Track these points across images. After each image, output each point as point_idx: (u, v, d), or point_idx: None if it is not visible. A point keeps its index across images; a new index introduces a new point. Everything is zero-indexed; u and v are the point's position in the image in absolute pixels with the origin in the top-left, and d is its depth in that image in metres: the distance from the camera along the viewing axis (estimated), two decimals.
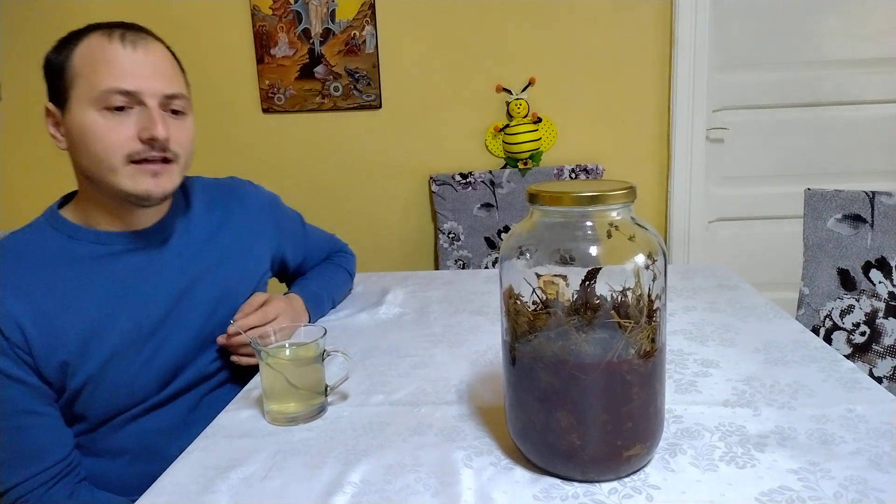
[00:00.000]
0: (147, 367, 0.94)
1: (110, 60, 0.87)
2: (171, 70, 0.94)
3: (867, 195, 1.34)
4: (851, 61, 2.05)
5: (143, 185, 0.90)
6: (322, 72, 2.13)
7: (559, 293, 0.64)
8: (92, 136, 0.87)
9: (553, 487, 0.66)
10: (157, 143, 0.88)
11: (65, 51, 0.90)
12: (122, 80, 0.87)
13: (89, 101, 0.87)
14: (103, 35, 0.89)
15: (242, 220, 1.11)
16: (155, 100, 0.89)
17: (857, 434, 0.72)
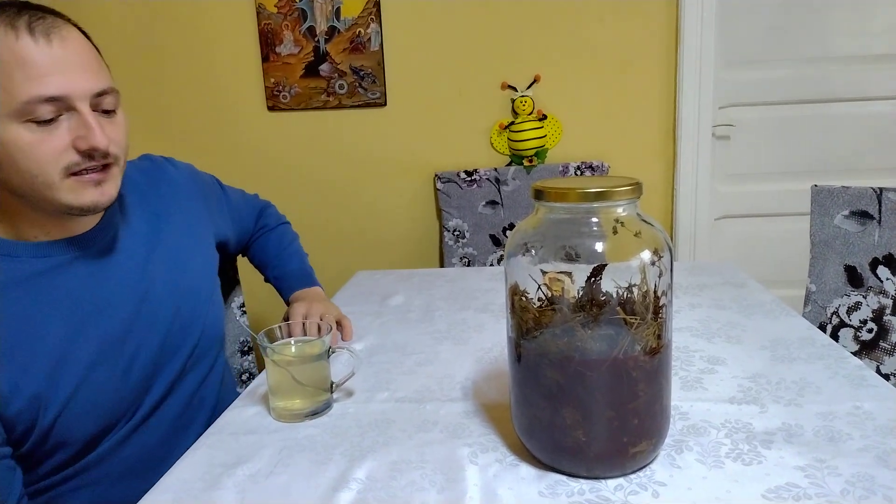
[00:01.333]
0: (124, 378, 0.87)
1: (25, 62, 0.74)
2: (94, 60, 0.81)
3: (875, 191, 1.33)
4: (858, 57, 2.03)
5: (88, 196, 0.80)
6: (327, 70, 2.13)
7: (565, 290, 0.64)
8: (20, 154, 0.75)
9: (559, 484, 0.65)
10: (97, 152, 0.78)
11: None
12: (44, 85, 0.74)
13: (9, 114, 0.74)
14: (6, 27, 0.74)
15: (178, 206, 1.03)
16: (85, 102, 0.78)
17: (864, 431, 0.71)
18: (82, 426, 0.83)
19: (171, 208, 1.01)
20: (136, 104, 2.18)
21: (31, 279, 0.81)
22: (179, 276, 0.97)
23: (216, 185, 1.19)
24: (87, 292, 0.85)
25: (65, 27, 0.78)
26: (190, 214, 1.04)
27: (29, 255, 0.82)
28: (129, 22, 2.12)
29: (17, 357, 0.78)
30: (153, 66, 2.15)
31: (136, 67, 2.16)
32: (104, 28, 2.13)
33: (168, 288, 0.95)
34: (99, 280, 0.87)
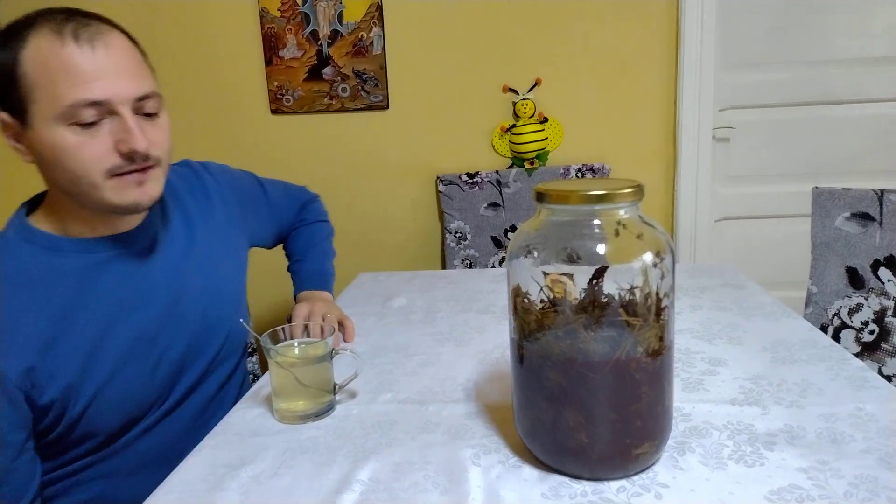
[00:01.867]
0: (151, 375, 0.91)
1: (69, 68, 0.77)
2: (137, 66, 0.84)
3: (876, 193, 1.33)
4: (858, 59, 2.03)
5: (130, 196, 0.83)
6: (330, 73, 2.14)
7: (567, 292, 0.64)
8: (65, 155, 0.79)
9: (561, 486, 0.66)
10: (137, 154, 0.81)
11: (11, 50, 0.78)
12: (88, 90, 0.77)
13: (55, 117, 0.77)
14: (53, 34, 0.77)
15: (212, 213, 1.06)
16: (127, 106, 0.81)
17: (866, 433, 0.72)
18: (108, 418, 0.87)
19: (206, 215, 1.05)
20: None
21: (74, 274, 0.85)
22: (210, 281, 1.00)
23: (255, 186, 1.21)
24: (125, 290, 0.89)
25: (109, 33, 0.82)
26: (223, 221, 1.08)
27: (73, 250, 0.86)
28: (132, 25, 2.12)
29: (55, 347, 0.81)
30: (156, 69, 2.16)
31: None
32: None
33: (198, 291, 0.98)
34: (137, 279, 0.91)
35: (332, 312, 1.13)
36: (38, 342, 0.80)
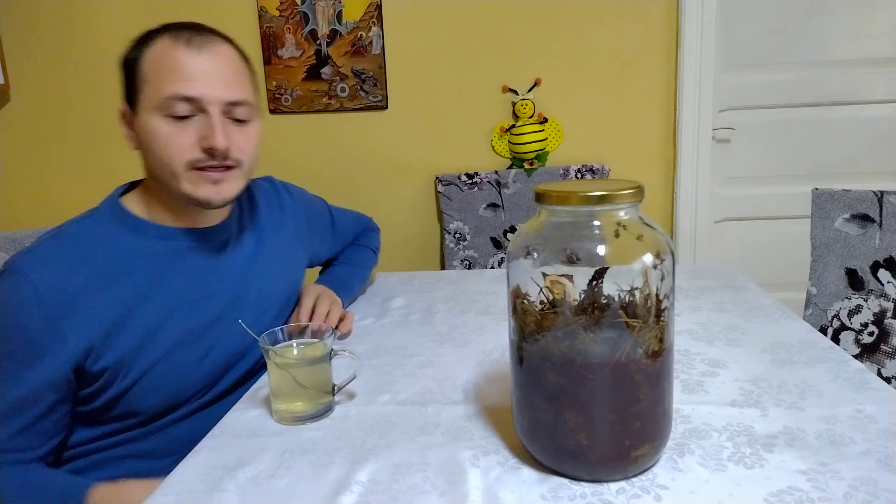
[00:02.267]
0: (197, 366, 0.95)
1: (175, 66, 0.87)
2: (236, 76, 0.92)
3: (875, 195, 1.33)
4: (858, 61, 2.04)
5: (204, 191, 0.91)
6: (329, 73, 2.13)
7: (566, 293, 0.64)
8: (156, 142, 0.88)
9: (561, 487, 0.65)
10: (216, 152, 0.89)
11: (136, 51, 0.91)
12: (185, 86, 0.87)
13: (154, 106, 0.88)
14: (171, 38, 0.89)
15: (283, 229, 1.13)
16: (217, 107, 0.89)
17: (866, 435, 0.71)
18: (150, 399, 0.92)
19: (278, 229, 1.12)
20: None
21: (153, 257, 0.93)
22: (268, 290, 1.07)
23: (325, 212, 1.30)
24: (193, 282, 0.95)
25: (220, 45, 0.91)
26: (292, 238, 1.15)
27: (155, 234, 0.94)
28: (130, 24, 2.13)
29: (120, 324, 0.88)
30: None
31: None
32: (105, 31, 2.14)
33: (257, 297, 1.04)
34: (205, 273, 0.97)
35: (337, 305, 1.16)
36: (107, 316, 0.87)
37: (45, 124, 2.23)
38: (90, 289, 0.86)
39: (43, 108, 2.21)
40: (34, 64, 2.18)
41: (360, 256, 1.37)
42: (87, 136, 2.22)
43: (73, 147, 2.23)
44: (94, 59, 2.17)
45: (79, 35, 2.16)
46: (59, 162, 2.24)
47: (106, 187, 2.40)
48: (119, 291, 0.88)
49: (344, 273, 1.29)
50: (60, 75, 2.19)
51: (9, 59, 2.17)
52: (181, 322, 0.93)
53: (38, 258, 0.86)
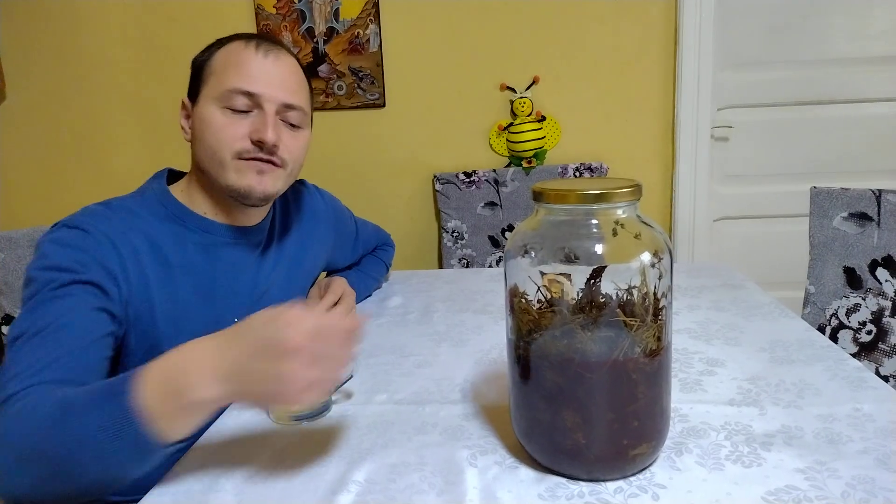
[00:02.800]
0: None
1: (241, 63, 0.93)
2: (295, 84, 0.97)
3: (874, 193, 1.33)
4: (856, 59, 2.04)
5: (247, 180, 0.93)
6: (326, 71, 2.13)
7: (564, 292, 0.63)
8: (209, 130, 0.92)
9: (558, 486, 0.65)
10: (264, 145, 0.92)
11: (208, 53, 0.97)
12: (247, 82, 0.92)
13: (215, 97, 0.92)
14: (243, 42, 0.95)
15: (311, 232, 1.17)
16: (273, 106, 0.93)
17: (864, 433, 0.71)
18: None
19: (306, 232, 1.16)
20: (133, 104, 2.18)
21: (189, 246, 0.95)
22: (289, 288, 1.10)
23: (351, 222, 1.34)
24: (224, 279, 0.98)
25: (286, 55, 0.97)
26: (317, 241, 1.19)
27: (196, 226, 0.96)
28: (127, 22, 2.12)
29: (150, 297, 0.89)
30: (151, 66, 2.15)
31: (133, 68, 2.15)
32: (103, 29, 2.13)
33: (279, 294, 1.06)
34: (236, 271, 1.00)
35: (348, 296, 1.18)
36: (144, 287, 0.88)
37: (43, 123, 2.22)
38: (139, 252, 0.88)
39: (40, 106, 2.21)
40: (31, 62, 2.18)
41: (374, 268, 1.40)
42: (85, 135, 2.22)
43: (70, 145, 2.22)
44: (91, 57, 2.16)
45: (76, 34, 2.15)
46: (56, 160, 2.23)
47: (103, 185, 2.39)
48: (159, 270, 0.90)
49: (356, 279, 1.30)
50: (57, 74, 2.18)
51: (5, 58, 2.17)
52: (206, 315, 0.94)
53: (91, 214, 0.88)
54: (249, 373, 0.63)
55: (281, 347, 0.61)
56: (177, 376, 0.64)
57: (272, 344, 0.62)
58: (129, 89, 2.17)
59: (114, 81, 2.18)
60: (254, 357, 0.63)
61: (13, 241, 1.42)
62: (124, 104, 2.19)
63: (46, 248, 0.83)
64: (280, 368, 0.61)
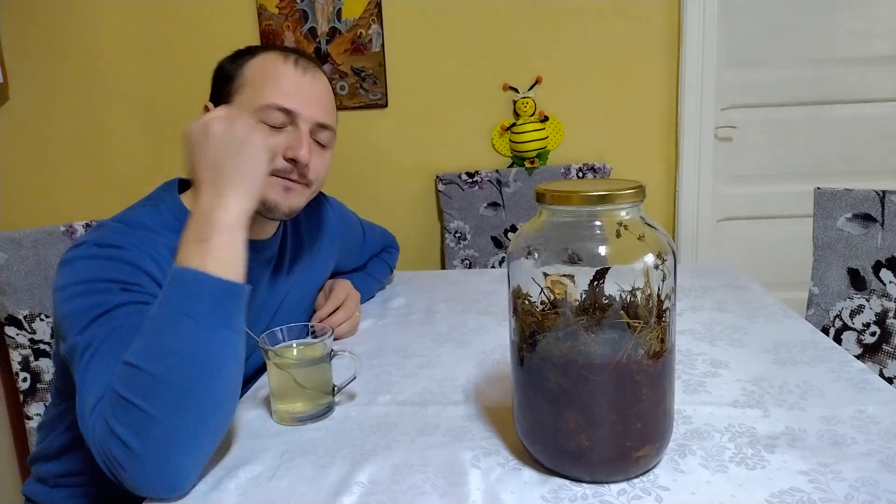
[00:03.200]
0: None
1: (279, 78, 0.92)
2: (329, 103, 0.98)
3: (878, 194, 1.33)
4: (861, 59, 2.03)
5: (273, 195, 0.93)
6: (328, 71, 2.13)
7: (567, 293, 0.63)
8: None
9: (561, 488, 0.65)
10: (298, 164, 0.92)
11: (239, 60, 0.95)
12: (286, 99, 0.91)
13: (251, 110, 0.90)
14: (279, 55, 0.94)
15: (320, 241, 1.17)
16: (308, 125, 0.93)
17: (868, 435, 0.71)
18: None
19: (317, 243, 1.16)
20: (136, 105, 2.18)
21: None
22: (301, 300, 1.12)
23: (358, 228, 1.34)
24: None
25: (322, 75, 0.98)
26: (326, 250, 1.19)
27: None
28: (129, 22, 2.13)
29: None
30: (153, 66, 2.15)
31: (135, 68, 2.16)
32: (105, 29, 2.14)
33: (290, 307, 1.08)
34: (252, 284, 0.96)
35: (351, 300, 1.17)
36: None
37: (45, 123, 2.22)
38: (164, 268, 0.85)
39: (42, 107, 2.21)
40: (34, 63, 2.18)
41: (379, 271, 1.40)
42: (87, 136, 2.22)
43: (72, 146, 2.23)
44: (93, 58, 2.17)
45: (78, 34, 2.15)
46: (58, 161, 2.23)
47: (106, 186, 2.39)
48: None
49: (360, 281, 1.30)
50: (60, 74, 2.18)
51: (8, 58, 2.17)
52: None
53: (114, 232, 0.86)
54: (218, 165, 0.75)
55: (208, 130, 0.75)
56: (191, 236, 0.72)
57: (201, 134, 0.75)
58: (132, 90, 2.17)
59: (116, 82, 2.18)
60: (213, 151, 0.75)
61: (16, 242, 1.43)
62: (127, 105, 2.19)
63: (85, 263, 0.81)
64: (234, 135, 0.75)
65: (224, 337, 0.69)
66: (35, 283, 1.45)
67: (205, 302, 0.68)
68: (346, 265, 1.32)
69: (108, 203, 2.22)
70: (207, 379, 0.67)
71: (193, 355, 0.67)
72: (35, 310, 1.46)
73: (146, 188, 1.02)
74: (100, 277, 0.79)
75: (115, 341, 0.73)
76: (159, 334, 0.68)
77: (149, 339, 0.68)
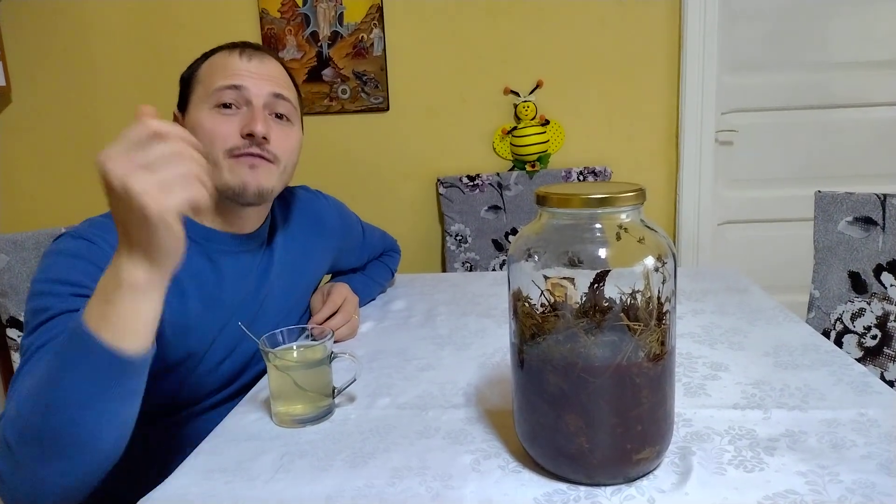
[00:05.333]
0: (216, 369, 0.98)
1: (227, 67, 0.95)
2: (281, 76, 0.99)
3: (878, 197, 1.33)
4: (861, 63, 2.03)
5: (241, 176, 0.93)
6: (330, 74, 2.13)
7: (567, 296, 0.63)
8: (201, 131, 0.92)
9: (561, 492, 0.65)
10: (254, 138, 0.92)
11: (195, 66, 0.99)
12: (233, 78, 0.93)
13: (203, 99, 0.93)
14: (227, 51, 0.97)
15: (314, 238, 1.16)
16: (260, 99, 0.94)
17: (868, 438, 0.71)
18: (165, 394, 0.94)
19: (308, 236, 1.15)
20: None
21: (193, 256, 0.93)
22: (290, 293, 1.10)
23: (358, 227, 1.33)
24: (227, 287, 0.98)
25: (269, 59, 0.98)
26: (321, 246, 1.18)
27: (198, 235, 0.95)
28: (131, 26, 2.13)
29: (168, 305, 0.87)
30: (155, 70, 2.16)
31: (137, 71, 2.16)
32: (107, 33, 2.14)
33: (280, 299, 1.07)
34: (237, 277, 1.00)
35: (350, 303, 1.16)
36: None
37: (47, 126, 2.23)
38: None
39: (44, 109, 2.22)
40: (36, 66, 2.19)
41: (379, 273, 1.39)
42: (89, 138, 2.22)
43: (75, 149, 2.23)
44: (95, 60, 2.17)
45: (81, 38, 2.16)
46: (60, 163, 2.24)
47: None
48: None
49: (359, 283, 1.29)
50: (62, 78, 2.19)
51: (11, 61, 2.18)
52: (210, 324, 0.95)
53: (97, 226, 0.88)
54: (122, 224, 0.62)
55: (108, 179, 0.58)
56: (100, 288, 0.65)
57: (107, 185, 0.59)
58: (134, 93, 2.18)
59: (119, 85, 2.19)
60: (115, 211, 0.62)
61: (18, 244, 1.43)
62: (129, 108, 2.19)
63: (52, 259, 0.83)
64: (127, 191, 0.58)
65: (100, 407, 0.64)
66: None
67: (86, 368, 0.63)
68: (345, 265, 1.31)
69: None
70: (77, 443, 0.64)
71: (66, 414, 0.63)
72: None
73: None
74: (56, 278, 0.80)
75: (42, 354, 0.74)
76: (45, 384, 0.65)
77: (36, 383, 0.66)
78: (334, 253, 1.24)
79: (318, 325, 1.06)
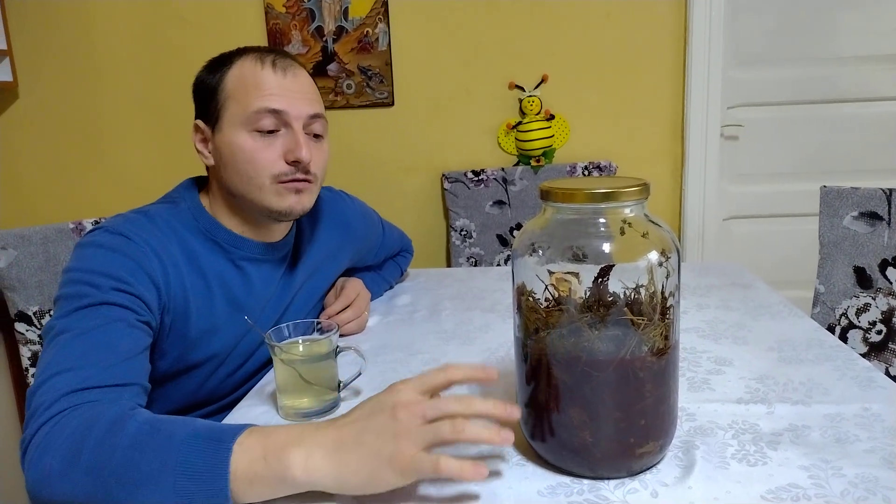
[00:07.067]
0: (236, 371, 1.01)
1: (261, 84, 0.92)
2: (313, 93, 0.98)
3: (884, 192, 1.32)
4: (868, 57, 2.02)
5: (287, 202, 0.94)
6: (335, 69, 2.14)
7: (572, 290, 0.64)
8: (242, 157, 0.92)
9: (565, 485, 0.66)
10: (300, 164, 0.93)
11: (218, 73, 0.95)
12: (271, 101, 0.91)
13: (241, 122, 0.92)
14: (256, 60, 0.94)
15: (337, 238, 1.17)
16: (300, 122, 0.93)
17: (872, 433, 0.71)
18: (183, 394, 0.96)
19: (333, 239, 1.16)
20: (144, 104, 2.19)
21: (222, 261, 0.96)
22: (312, 298, 1.13)
23: (378, 226, 1.34)
24: (253, 294, 0.99)
25: (299, 69, 0.97)
26: (344, 248, 1.19)
27: (227, 242, 0.97)
28: (137, 22, 2.14)
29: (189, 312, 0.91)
30: (161, 66, 2.16)
31: (143, 67, 2.17)
32: (112, 29, 2.15)
33: (303, 305, 1.10)
34: (263, 285, 1.01)
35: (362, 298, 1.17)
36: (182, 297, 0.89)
37: (54, 122, 2.24)
38: (179, 262, 0.90)
39: (51, 106, 2.23)
40: (43, 62, 2.20)
41: (391, 273, 1.40)
42: (96, 134, 2.23)
43: (81, 145, 2.24)
44: (102, 57, 2.18)
45: (87, 34, 2.17)
46: (67, 159, 2.25)
47: (114, 184, 2.41)
48: (196, 281, 0.92)
49: (372, 280, 1.30)
50: (69, 74, 2.20)
51: (18, 58, 2.18)
52: (234, 330, 0.97)
53: (131, 222, 0.88)
54: (361, 433, 0.61)
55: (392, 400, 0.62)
56: (275, 448, 0.61)
57: (385, 400, 0.63)
58: (140, 89, 2.19)
59: (125, 81, 2.19)
60: (369, 417, 0.62)
61: (25, 239, 1.44)
62: (135, 104, 2.20)
63: (91, 251, 0.84)
64: (397, 417, 0.60)
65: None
66: (44, 280, 1.46)
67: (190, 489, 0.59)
68: (361, 263, 1.32)
69: (116, 201, 2.23)
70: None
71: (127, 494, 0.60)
72: (44, 306, 1.47)
73: (153, 186, 1.03)
74: (97, 270, 0.81)
75: (83, 340, 0.74)
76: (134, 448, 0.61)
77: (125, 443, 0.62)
78: (355, 254, 1.25)
79: (327, 320, 1.07)
